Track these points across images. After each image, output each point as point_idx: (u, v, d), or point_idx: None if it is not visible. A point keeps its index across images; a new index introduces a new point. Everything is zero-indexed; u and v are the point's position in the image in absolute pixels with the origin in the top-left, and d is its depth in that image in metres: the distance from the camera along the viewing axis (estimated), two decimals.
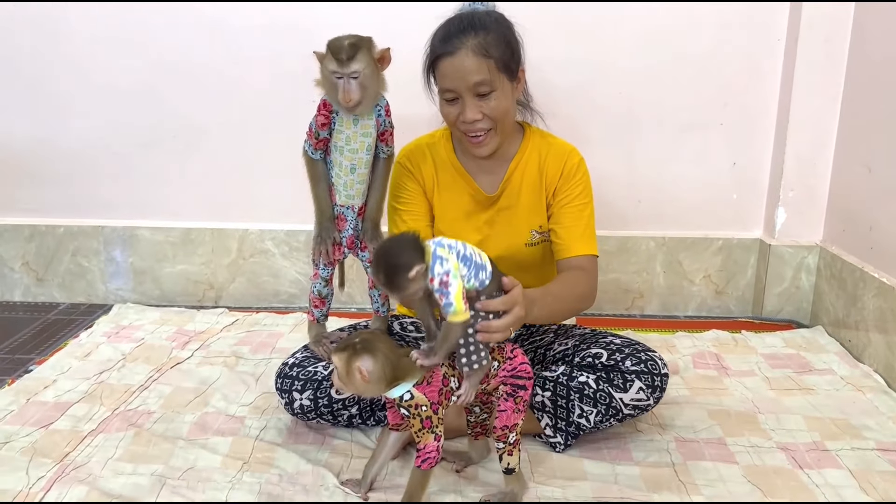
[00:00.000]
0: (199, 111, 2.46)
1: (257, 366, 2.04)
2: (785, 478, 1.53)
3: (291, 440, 1.67)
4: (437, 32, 1.58)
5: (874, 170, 2.12)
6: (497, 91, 1.54)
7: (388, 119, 1.61)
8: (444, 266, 1.27)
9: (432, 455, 1.32)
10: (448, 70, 1.54)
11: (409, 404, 1.31)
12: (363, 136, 1.57)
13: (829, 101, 2.30)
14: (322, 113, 1.55)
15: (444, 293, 1.27)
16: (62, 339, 2.26)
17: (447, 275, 1.27)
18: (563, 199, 1.69)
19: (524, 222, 1.71)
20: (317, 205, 1.64)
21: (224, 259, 2.57)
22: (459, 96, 1.55)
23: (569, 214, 1.68)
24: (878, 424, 1.74)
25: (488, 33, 1.52)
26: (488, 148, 1.61)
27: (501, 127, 1.59)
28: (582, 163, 1.71)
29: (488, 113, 1.55)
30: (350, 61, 1.48)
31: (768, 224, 2.47)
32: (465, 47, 1.51)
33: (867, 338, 2.09)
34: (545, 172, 1.69)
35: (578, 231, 1.67)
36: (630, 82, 2.39)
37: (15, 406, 1.80)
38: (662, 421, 1.75)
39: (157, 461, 1.57)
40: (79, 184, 2.55)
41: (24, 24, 2.40)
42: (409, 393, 1.30)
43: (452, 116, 1.58)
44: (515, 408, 1.39)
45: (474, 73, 1.52)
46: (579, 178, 1.69)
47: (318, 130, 1.57)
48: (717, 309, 2.55)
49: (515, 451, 1.41)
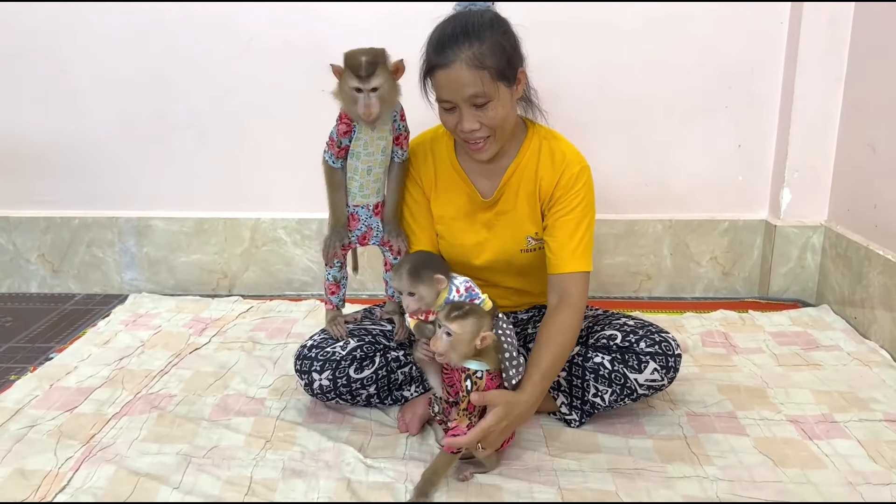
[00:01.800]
0: (210, 102, 2.50)
1: (274, 350, 2.08)
2: (795, 448, 1.57)
3: (312, 420, 1.71)
4: (432, 38, 1.54)
5: (878, 149, 2.15)
6: (494, 101, 1.51)
7: (403, 124, 1.66)
8: (459, 279, 1.54)
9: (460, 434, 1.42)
10: (443, 82, 1.51)
11: (476, 380, 1.43)
12: (379, 139, 1.61)
13: (832, 82, 2.33)
14: (344, 122, 1.59)
15: (472, 295, 1.52)
16: (80, 328, 2.30)
17: (468, 282, 1.54)
18: (559, 210, 1.63)
19: (520, 228, 1.68)
20: (332, 211, 1.69)
21: (237, 248, 2.61)
22: (456, 106, 1.53)
23: (564, 228, 1.63)
24: (885, 397, 1.78)
25: (483, 43, 1.47)
26: (488, 153, 1.60)
27: (500, 133, 1.57)
28: (583, 172, 1.64)
29: (485, 122, 1.53)
30: (370, 78, 1.50)
31: (773, 205, 2.51)
32: (459, 59, 1.47)
33: (873, 314, 2.12)
34: (540, 181, 1.65)
35: (571, 247, 1.61)
36: (636, 68, 2.42)
37: (39, 391, 1.84)
38: (674, 397, 1.79)
39: (182, 441, 1.61)
40: (93, 176, 2.59)
41: (39, 20, 2.44)
42: (480, 372, 1.43)
43: (451, 124, 1.57)
44: None
45: (469, 86, 1.48)
46: (578, 188, 1.63)
47: (339, 139, 1.60)
48: (724, 290, 2.59)
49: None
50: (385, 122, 1.60)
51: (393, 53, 1.58)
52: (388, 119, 1.60)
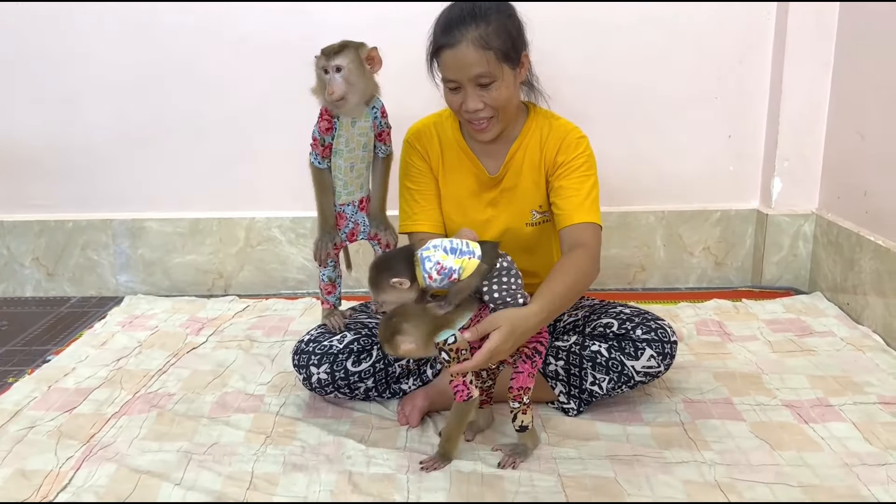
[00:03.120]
0: (202, 103, 2.50)
1: (271, 348, 2.09)
2: (791, 432, 1.59)
3: (311, 415, 1.71)
4: (440, 19, 1.60)
5: (867, 136, 2.17)
6: (498, 81, 1.56)
7: (384, 120, 1.71)
8: (430, 262, 1.41)
9: (461, 387, 1.44)
10: (450, 62, 1.56)
11: (451, 348, 1.41)
12: (360, 135, 1.67)
13: (820, 71, 2.35)
14: (324, 119, 1.64)
15: (446, 274, 1.42)
16: (76, 330, 2.30)
17: (438, 264, 1.41)
18: (564, 171, 1.67)
19: (526, 202, 1.73)
20: (321, 212, 1.73)
21: (232, 248, 2.61)
22: (461, 86, 1.57)
23: (570, 185, 1.66)
24: (879, 380, 1.80)
25: (489, 24, 1.53)
26: (491, 133, 1.65)
27: (504, 114, 1.62)
28: (583, 139, 1.70)
29: (490, 102, 1.58)
30: (335, 55, 1.58)
31: (765, 194, 2.53)
32: (466, 40, 1.52)
33: (865, 300, 2.14)
34: (545, 150, 1.70)
35: (579, 199, 1.64)
36: (628, 60, 2.44)
37: (38, 393, 1.84)
38: (670, 385, 1.80)
39: (182, 438, 1.62)
40: (87, 178, 2.58)
41: (31, 21, 2.44)
42: (453, 337, 1.41)
43: (456, 104, 1.61)
44: (531, 371, 1.46)
45: (475, 65, 1.53)
46: (581, 151, 1.68)
47: (322, 137, 1.65)
48: (717, 280, 2.61)
49: (529, 409, 1.49)
50: (359, 113, 1.64)
51: (387, 54, 1.64)
52: (360, 110, 1.64)
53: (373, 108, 1.68)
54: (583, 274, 1.55)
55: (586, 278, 1.57)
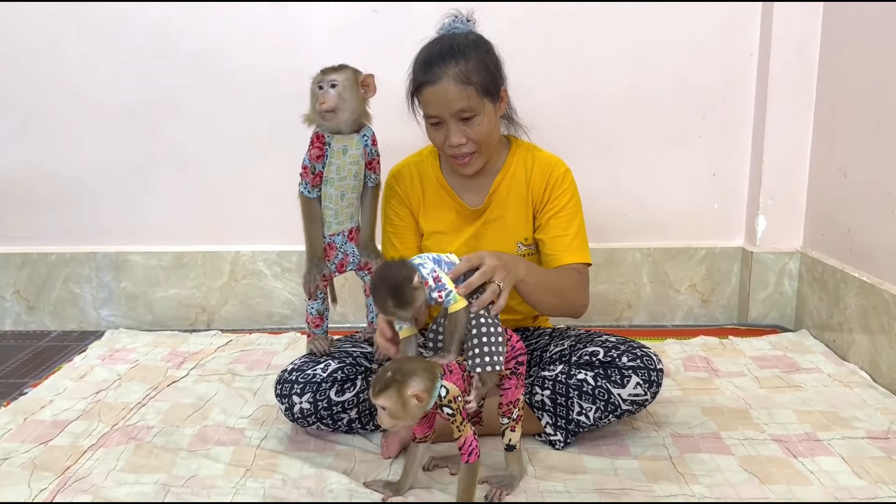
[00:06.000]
0: (189, 135, 2.50)
1: (254, 381, 2.05)
2: (780, 466, 1.57)
3: (293, 448, 1.68)
4: (419, 57, 1.63)
5: (849, 174, 2.20)
6: (479, 115, 1.59)
7: (374, 148, 1.72)
8: (426, 268, 1.37)
9: (475, 446, 1.34)
10: (431, 98, 1.59)
11: (449, 399, 1.31)
12: (351, 164, 1.67)
13: (802, 110, 2.39)
14: (315, 146, 1.64)
15: (440, 287, 1.36)
16: (55, 363, 2.25)
17: (434, 272, 1.37)
18: (551, 209, 1.72)
19: (510, 234, 1.74)
20: (309, 243, 1.72)
21: (216, 282, 2.59)
22: (443, 122, 1.60)
23: (557, 224, 1.71)
24: (867, 415, 1.79)
25: (468, 60, 1.57)
26: (474, 167, 1.67)
27: (486, 147, 1.65)
28: (568, 173, 1.74)
29: (472, 136, 1.61)
30: (332, 72, 1.61)
31: (749, 232, 2.54)
32: (447, 76, 1.56)
33: (851, 337, 2.14)
34: (531, 184, 1.73)
35: (567, 240, 1.70)
36: (612, 98, 2.47)
37: (13, 425, 1.79)
38: (658, 419, 1.78)
39: (160, 471, 1.57)
40: (70, 210, 2.57)
41: (17, 52, 2.44)
42: (444, 389, 1.31)
43: (439, 140, 1.64)
44: (518, 383, 1.46)
45: (456, 101, 1.57)
46: (566, 187, 1.72)
47: (313, 164, 1.65)
48: (703, 317, 2.60)
49: (518, 426, 1.46)
50: (347, 138, 1.64)
51: (378, 82, 1.65)
52: (352, 138, 1.65)
53: (363, 136, 1.68)
54: (572, 288, 1.62)
55: (573, 294, 1.62)
